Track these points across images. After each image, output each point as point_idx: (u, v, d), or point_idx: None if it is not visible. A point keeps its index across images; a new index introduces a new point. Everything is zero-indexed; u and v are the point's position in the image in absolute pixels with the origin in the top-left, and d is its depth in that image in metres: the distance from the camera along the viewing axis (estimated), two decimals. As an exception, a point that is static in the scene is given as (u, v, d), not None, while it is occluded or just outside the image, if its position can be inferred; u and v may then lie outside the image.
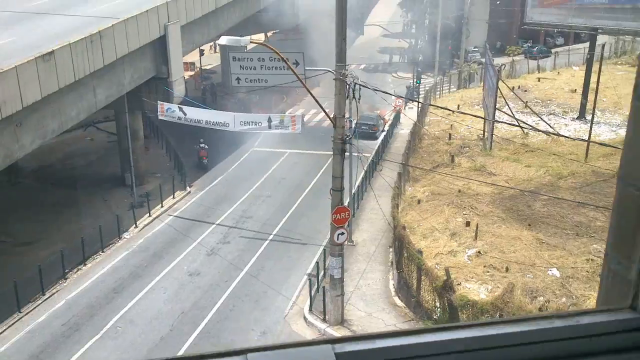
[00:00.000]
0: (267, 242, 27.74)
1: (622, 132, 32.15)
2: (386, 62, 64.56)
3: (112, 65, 27.41)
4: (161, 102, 29.99)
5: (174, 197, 32.85)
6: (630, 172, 1.61)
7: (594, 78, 35.11)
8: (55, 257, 24.66)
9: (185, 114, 29.17)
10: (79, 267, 25.74)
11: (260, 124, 28.23)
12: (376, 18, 74.40)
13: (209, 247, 27.40)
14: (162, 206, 31.74)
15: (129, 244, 28.09)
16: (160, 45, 31.18)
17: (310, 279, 22.87)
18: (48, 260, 24.55)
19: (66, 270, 24.92)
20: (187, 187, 34.28)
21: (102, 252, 27.06)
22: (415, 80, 52.46)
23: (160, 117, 30.42)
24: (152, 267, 25.74)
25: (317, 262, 24.05)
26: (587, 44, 47.44)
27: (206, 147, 37.25)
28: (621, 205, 1.64)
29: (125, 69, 29.02)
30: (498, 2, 63.18)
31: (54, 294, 23.79)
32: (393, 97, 38.97)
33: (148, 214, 30.79)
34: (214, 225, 29.56)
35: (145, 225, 29.95)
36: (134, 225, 29.63)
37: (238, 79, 26.14)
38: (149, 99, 31.82)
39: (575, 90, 44.05)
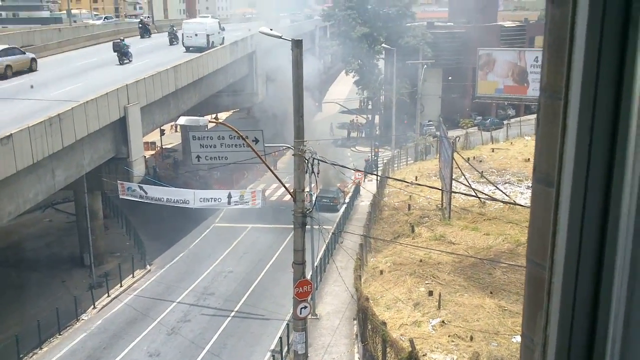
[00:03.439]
0: (230, 318, 27.37)
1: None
2: (345, 137, 65.97)
3: (72, 147, 27.41)
4: (121, 182, 30.02)
5: (133, 276, 32.35)
6: (536, 252, 1.54)
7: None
8: (10, 341, 23.86)
9: (146, 193, 29.24)
10: (35, 351, 24.94)
11: (220, 200, 28.43)
12: (334, 95, 76.44)
13: (169, 326, 26.87)
14: (121, 286, 31.19)
15: (87, 325, 27.39)
16: (120, 126, 31.37)
17: (273, 356, 22.56)
18: (2, 345, 23.75)
19: (21, 355, 24.09)
20: (147, 266, 33.83)
21: (59, 334, 26.30)
22: (373, 154, 53.55)
23: (121, 197, 30.38)
24: (111, 349, 25.07)
25: (280, 338, 23.79)
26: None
27: None
28: (530, 284, 1.59)
29: (84, 150, 29.03)
30: (450, 78, 65.60)
31: (8, 381, 22.94)
32: (352, 170, 39.65)
33: (107, 294, 30.20)
34: (174, 304, 29.09)
35: (104, 306, 29.31)
36: (93, 306, 28.98)
37: (198, 156, 26.36)
38: (109, 179, 31.76)
39: (529, 159, 45.45)
